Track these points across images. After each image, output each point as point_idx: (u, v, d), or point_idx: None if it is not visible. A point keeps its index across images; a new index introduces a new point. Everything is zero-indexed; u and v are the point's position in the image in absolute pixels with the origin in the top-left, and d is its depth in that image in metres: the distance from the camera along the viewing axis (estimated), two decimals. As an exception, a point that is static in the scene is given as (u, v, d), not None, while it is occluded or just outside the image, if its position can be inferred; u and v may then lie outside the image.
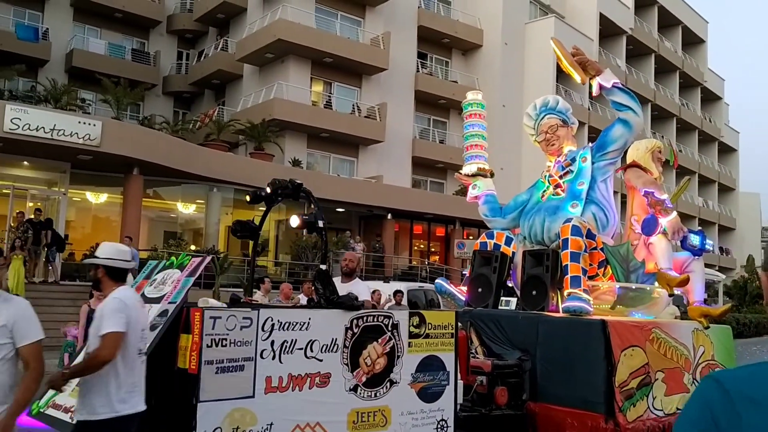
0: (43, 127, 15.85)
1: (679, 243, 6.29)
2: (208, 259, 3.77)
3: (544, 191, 6.45)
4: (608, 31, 34.37)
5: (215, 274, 17.80)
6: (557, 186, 6.33)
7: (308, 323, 3.55)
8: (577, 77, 6.12)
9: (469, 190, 7.09)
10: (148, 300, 3.49)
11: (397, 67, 27.28)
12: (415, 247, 28.35)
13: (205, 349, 3.04)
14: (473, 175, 7.03)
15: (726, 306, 6.85)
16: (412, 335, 4.09)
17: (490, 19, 30.71)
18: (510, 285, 6.57)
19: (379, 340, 3.91)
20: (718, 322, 6.60)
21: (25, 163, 18.05)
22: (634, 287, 6.03)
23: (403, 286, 15.38)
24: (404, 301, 13.98)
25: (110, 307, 2.94)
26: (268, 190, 4.45)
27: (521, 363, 5.38)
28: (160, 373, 3.14)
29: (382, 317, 3.99)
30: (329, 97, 26.60)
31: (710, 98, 45.78)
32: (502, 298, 6.26)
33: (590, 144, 6.41)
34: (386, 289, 14.92)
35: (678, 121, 40.81)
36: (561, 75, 27.40)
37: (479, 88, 30.04)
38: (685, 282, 5.85)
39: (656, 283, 5.96)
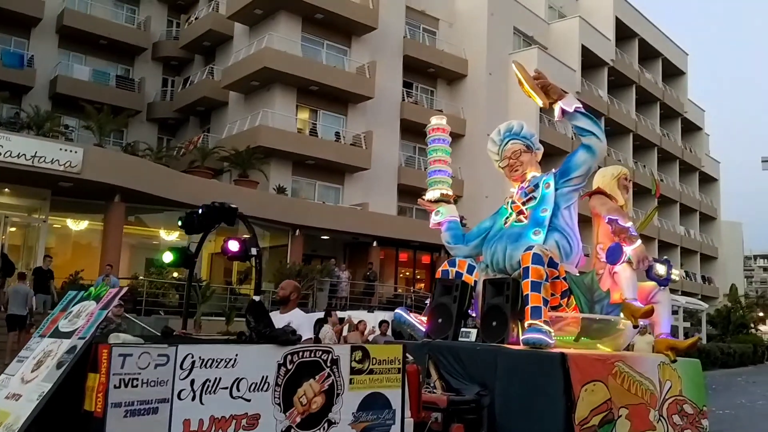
0: (24, 154, 15.84)
1: (644, 272, 6.14)
2: (124, 290, 3.64)
3: (507, 218, 6.29)
4: (590, 62, 34.84)
5: (197, 303, 17.62)
6: (520, 212, 6.18)
7: (235, 360, 3.34)
8: (539, 101, 6.00)
9: (432, 216, 6.90)
10: (61, 334, 3.31)
11: (383, 95, 27.49)
12: (401, 275, 28.25)
13: (112, 390, 2.84)
14: (436, 201, 6.86)
15: (694, 338, 6.60)
16: (354, 371, 3.89)
17: (474, 49, 31.09)
18: (473, 315, 6.40)
19: (317, 377, 3.70)
20: (687, 355, 6.32)
21: (6, 189, 17.93)
22: (598, 318, 5.85)
23: (389, 315, 15.17)
24: (389, 332, 13.65)
25: None
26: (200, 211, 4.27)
27: (479, 398, 5.16)
28: (66, 417, 2.95)
29: (320, 352, 3.80)
30: (315, 124, 26.71)
31: (691, 128, 46.33)
32: (462, 329, 6.08)
33: (554, 170, 6.25)
34: (371, 319, 14.69)
35: (659, 151, 41.19)
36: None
37: (464, 117, 30.38)
38: (649, 313, 5.68)
39: (621, 314, 5.78)
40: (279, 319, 5.53)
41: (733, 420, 13.04)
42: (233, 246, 4.26)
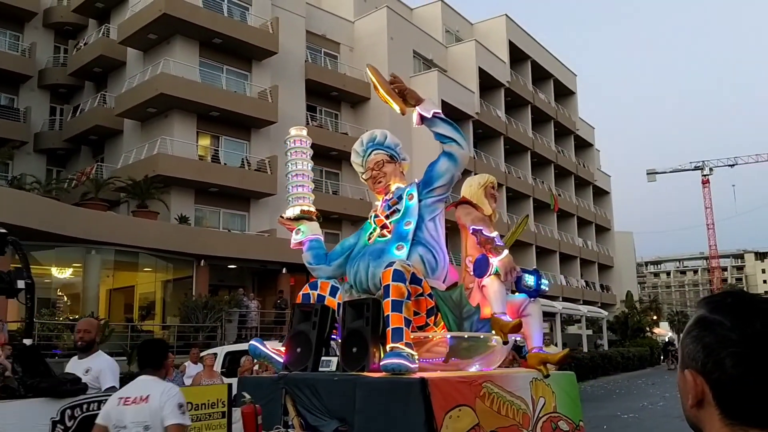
0: None
1: (513, 284, 5.63)
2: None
3: (371, 233, 5.80)
4: (487, 84, 36.18)
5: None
6: (384, 227, 5.73)
7: None
8: (395, 107, 5.62)
9: (293, 235, 6.30)
10: None
11: (287, 120, 27.09)
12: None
13: None
14: (296, 219, 6.28)
15: (564, 351, 6.26)
16: None
17: (376, 73, 31.47)
18: (339, 341, 5.71)
19: None
20: (560, 368, 5.89)
21: None
22: (466, 336, 5.41)
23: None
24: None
25: None
26: None
27: None
28: None
29: None
30: (217, 151, 26.01)
31: (583, 145, 49.01)
32: (323, 358, 5.46)
33: (416, 180, 5.89)
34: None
35: (555, 167, 43.29)
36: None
37: (369, 140, 30.59)
38: (518, 327, 5.26)
39: (492, 330, 5.37)
40: (77, 365, 4.97)
41: (638, 423, 13.64)
42: None
